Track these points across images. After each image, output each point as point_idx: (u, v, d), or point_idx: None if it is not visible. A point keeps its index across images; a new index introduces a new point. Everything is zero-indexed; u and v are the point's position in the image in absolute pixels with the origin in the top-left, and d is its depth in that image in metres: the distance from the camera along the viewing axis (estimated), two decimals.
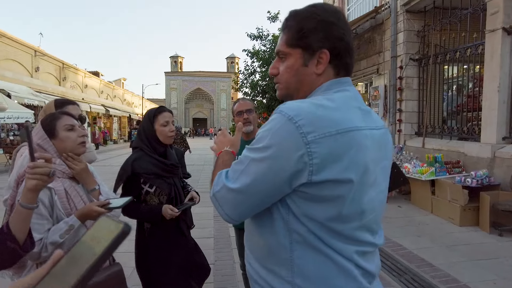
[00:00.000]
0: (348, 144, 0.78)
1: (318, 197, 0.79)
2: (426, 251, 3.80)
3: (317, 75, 0.90)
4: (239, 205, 0.84)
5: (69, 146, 1.42)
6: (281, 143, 0.78)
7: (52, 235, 1.28)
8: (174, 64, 56.70)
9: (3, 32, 15.17)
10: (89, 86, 25.09)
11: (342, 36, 0.88)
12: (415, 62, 7.09)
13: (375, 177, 0.87)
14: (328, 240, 0.82)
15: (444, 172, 5.34)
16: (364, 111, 0.89)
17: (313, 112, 0.79)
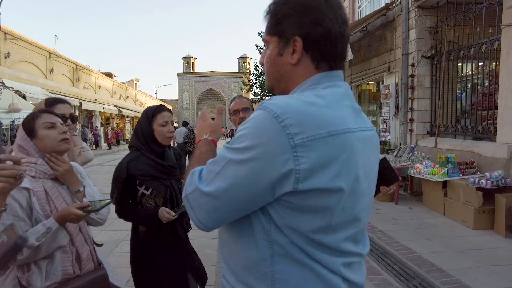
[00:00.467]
0: (340, 148, 0.69)
1: (304, 207, 0.70)
2: (437, 256, 3.64)
3: (292, 66, 0.80)
4: (213, 211, 0.73)
5: (49, 144, 1.37)
6: (264, 145, 0.67)
7: (28, 238, 1.23)
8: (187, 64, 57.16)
9: (19, 35, 15.55)
10: (102, 87, 25.50)
11: (320, 21, 0.76)
12: (427, 59, 6.87)
13: (367, 183, 0.79)
14: (314, 253, 0.73)
15: (457, 173, 5.14)
16: (356, 110, 0.80)
17: (302, 110, 0.68)
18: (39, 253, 1.25)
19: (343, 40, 0.80)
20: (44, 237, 1.24)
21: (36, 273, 1.28)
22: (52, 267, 1.31)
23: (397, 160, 6.34)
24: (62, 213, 1.29)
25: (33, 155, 1.34)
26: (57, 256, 1.32)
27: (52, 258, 1.31)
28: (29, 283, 1.27)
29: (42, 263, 1.29)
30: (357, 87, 10.37)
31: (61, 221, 1.29)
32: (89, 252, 1.43)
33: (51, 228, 1.26)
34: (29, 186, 1.29)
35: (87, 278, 1.38)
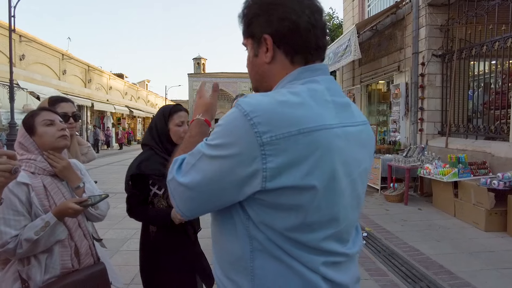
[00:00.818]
0: (312, 146, 0.67)
1: (276, 205, 0.70)
2: (446, 257, 3.56)
3: (268, 64, 0.81)
4: (189, 201, 0.75)
5: (48, 141, 1.40)
6: (233, 143, 0.68)
7: (27, 232, 1.26)
8: (197, 65, 57.49)
9: (33, 37, 15.90)
10: (113, 88, 25.87)
11: (286, 16, 0.76)
12: (438, 58, 6.74)
13: (349, 181, 0.76)
14: (291, 250, 0.72)
15: (468, 174, 5.02)
16: (340, 105, 0.77)
17: (272, 108, 0.68)
18: (38, 247, 1.27)
19: (315, 30, 0.78)
20: (43, 231, 1.26)
21: (35, 266, 1.30)
22: (51, 261, 1.33)
23: (407, 160, 6.24)
24: (60, 208, 1.31)
25: (32, 152, 1.37)
26: (56, 250, 1.34)
27: (51, 252, 1.33)
28: (29, 276, 1.29)
29: (41, 257, 1.31)
30: (367, 87, 10.26)
31: (59, 216, 1.30)
32: (88, 247, 1.45)
33: (49, 222, 1.28)
34: (28, 181, 1.32)
35: (86, 272, 1.39)
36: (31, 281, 1.29)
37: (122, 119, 27.00)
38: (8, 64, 11.95)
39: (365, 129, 0.83)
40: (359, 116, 0.83)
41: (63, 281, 1.31)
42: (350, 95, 10.66)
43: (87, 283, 1.35)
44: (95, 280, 1.40)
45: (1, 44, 13.54)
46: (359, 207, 0.84)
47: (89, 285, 1.36)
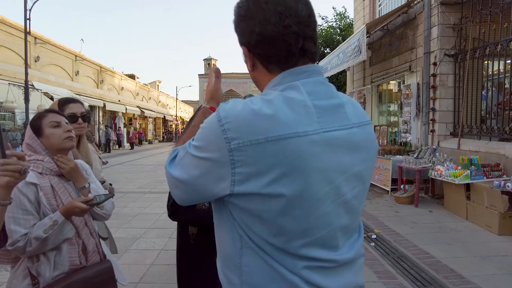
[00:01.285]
0: (280, 154, 0.67)
1: (249, 211, 0.71)
2: (457, 261, 3.49)
3: (252, 72, 0.85)
4: (177, 189, 0.80)
5: (55, 142, 1.44)
6: (208, 147, 0.72)
7: (36, 230, 1.30)
8: (208, 66, 57.81)
9: (47, 39, 16.25)
10: (125, 88, 26.22)
11: (252, 28, 0.76)
12: (451, 58, 6.62)
13: (332, 188, 0.73)
14: (272, 253, 0.73)
15: (481, 176, 4.92)
16: (323, 108, 0.74)
17: (243, 115, 0.69)
18: (46, 244, 1.30)
19: (285, 37, 0.75)
20: (51, 229, 1.29)
21: (44, 263, 1.34)
22: (60, 258, 1.36)
23: (418, 162, 6.14)
24: (67, 207, 1.34)
25: (40, 153, 1.41)
26: (64, 248, 1.38)
27: (59, 250, 1.37)
28: (39, 272, 1.33)
29: (50, 254, 1.35)
30: (378, 87, 10.14)
31: (67, 215, 1.34)
32: (94, 244, 1.48)
33: (57, 221, 1.31)
34: (37, 181, 1.35)
35: (93, 269, 1.43)
36: (41, 277, 1.33)
37: (134, 119, 27.34)
38: (23, 65, 12.24)
39: (359, 131, 0.79)
40: (354, 117, 0.79)
41: (71, 277, 1.35)
42: (360, 95, 10.57)
43: (95, 279, 1.39)
44: (102, 277, 1.43)
45: (17, 46, 13.88)
46: (352, 212, 0.80)
47: (96, 281, 1.40)
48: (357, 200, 0.81)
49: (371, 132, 0.84)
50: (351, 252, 0.81)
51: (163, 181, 9.34)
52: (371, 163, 0.84)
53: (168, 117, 37.62)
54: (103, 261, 1.50)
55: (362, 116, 0.82)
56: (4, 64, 13.46)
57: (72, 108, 1.90)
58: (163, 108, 37.66)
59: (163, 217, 5.57)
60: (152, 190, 8.06)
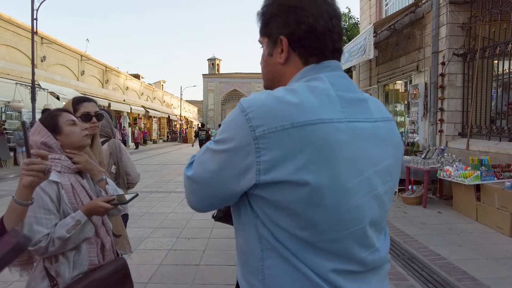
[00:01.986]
0: (306, 140, 0.66)
1: (276, 203, 0.69)
2: (469, 263, 3.45)
3: (281, 65, 0.82)
4: (194, 192, 0.79)
5: (76, 139, 1.43)
6: (231, 137, 0.71)
7: (59, 230, 1.28)
8: (212, 66, 57.93)
9: (54, 39, 16.35)
10: (130, 88, 26.32)
11: (304, 19, 0.76)
12: (459, 57, 6.56)
13: (363, 179, 0.71)
14: (298, 252, 0.70)
15: (491, 177, 4.86)
16: (348, 100, 0.74)
17: (266, 103, 0.69)
18: (68, 244, 1.29)
19: (332, 34, 0.79)
20: (74, 229, 1.28)
21: (64, 263, 1.33)
22: (79, 258, 1.35)
23: (426, 162, 6.09)
24: (90, 206, 1.33)
25: (56, 152, 1.39)
26: (84, 247, 1.37)
27: (79, 249, 1.35)
28: (58, 273, 1.32)
29: (69, 254, 1.34)
30: (384, 87, 10.08)
31: (89, 214, 1.33)
32: (110, 242, 1.47)
33: (80, 221, 1.30)
34: (58, 180, 1.34)
35: (110, 267, 1.43)
36: (60, 277, 1.31)
37: (138, 119, 27.42)
38: (30, 65, 12.33)
39: (385, 125, 0.79)
40: (377, 112, 0.79)
41: (90, 277, 1.34)
42: None
43: (112, 277, 1.39)
44: (118, 274, 1.43)
45: (24, 46, 13.98)
46: (383, 209, 0.78)
47: (114, 279, 1.39)
48: (388, 197, 0.79)
49: (395, 128, 0.84)
50: (379, 255, 0.78)
51: (169, 181, 9.35)
52: (398, 159, 0.82)
53: (173, 117, 37.70)
54: (118, 259, 1.49)
55: (385, 112, 0.82)
56: (11, 64, 13.56)
57: (86, 106, 1.89)
58: (168, 108, 37.76)
59: (170, 216, 5.57)
60: (158, 190, 8.07)
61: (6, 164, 12.00)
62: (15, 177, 10.06)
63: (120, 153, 2.30)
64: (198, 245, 4.16)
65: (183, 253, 3.93)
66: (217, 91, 56.73)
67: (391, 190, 0.81)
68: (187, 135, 34.34)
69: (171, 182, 9.14)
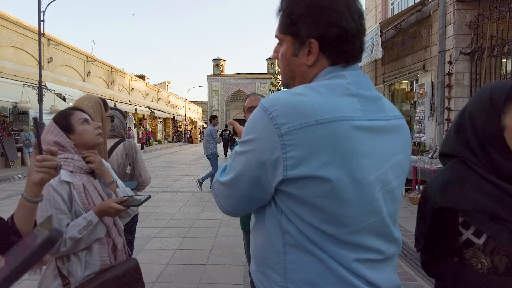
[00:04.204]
0: (330, 136, 0.68)
1: (301, 198, 0.71)
2: None
3: (308, 66, 0.80)
4: (227, 198, 0.83)
5: (89, 138, 1.44)
6: (257, 137, 0.73)
7: (71, 230, 1.29)
8: (216, 67, 58.07)
9: (60, 41, 16.50)
10: (135, 89, 26.47)
11: (336, 21, 0.75)
12: (467, 56, 6.50)
13: (380, 174, 0.75)
14: (322, 245, 0.73)
15: None
16: (367, 98, 0.77)
17: (289, 102, 0.71)
18: (79, 245, 1.30)
19: (359, 35, 0.79)
20: (86, 230, 1.29)
21: (76, 263, 1.33)
22: (91, 258, 1.36)
23: (433, 162, 6.04)
24: (102, 207, 1.34)
25: (69, 151, 1.39)
26: (95, 248, 1.37)
27: (90, 249, 1.36)
28: (70, 272, 1.32)
29: (81, 254, 1.34)
30: (390, 86, 10.03)
31: (100, 215, 1.33)
32: (122, 243, 1.48)
33: (92, 222, 1.31)
34: (70, 179, 1.34)
35: (122, 267, 1.42)
36: (72, 277, 1.32)
37: (144, 120, 27.56)
38: (37, 66, 12.45)
39: (398, 123, 0.82)
40: (390, 111, 0.82)
41: (102, 277, 1.34)
42: None
43: (124, 278, 1.39)
44: (130, 275, 1.43)
45: (31, 47, 14.12)
46: (395, 203, 0.81)
47: (126, 280, 1.39)
48: (399, 190, 0.83)
49: (406, 125, 0.87)
50: (394, 246, 0.82)
51: (175, 181, 9.38)
52: (408, 154, 0.85)
53: (178, 117, 37.84)
54: (130, 259, 1.49)
55: (396, 110, 0.86)
56: (19, 65, 13.71)
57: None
58: (173, 109, 37.90)
59: (176, 216, 5.59)
60: (165, 190, 8.11)
61: (14, 164, 12.13)
62: (23, 177, 10.15)
63: (136, 154, 2.30)
64: (205, 245, 4.17)
65: (190, 252, 3.94)
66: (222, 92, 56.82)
67: (402, 184, 0.84)
68: (192, 136, 34.43)
69: (177, 182, 9.17)
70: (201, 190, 7.91)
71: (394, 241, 0.81)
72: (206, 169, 12.53)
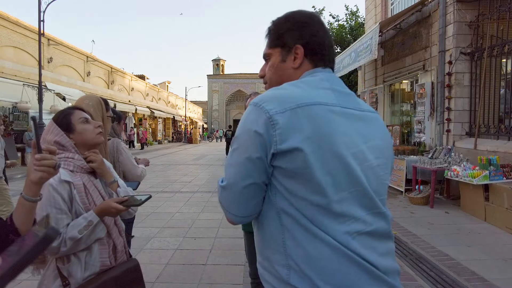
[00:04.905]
0: (308, 116, 0.82)
1: (291, 171, 0.81)
2: (478, 264, 3.41)
3: (294, 69, 0.97)
4: (233, 197, 0.89)
5: (89, 137, 1.43)
6: (250, 125, 0.84)
7: (71, 230, 1.28)
8: (216, 67, 58.03)
9: (60, 41, 16.48)
10: (135, 89, 26.44)
11: (316, 33, 0.96)
12: (467, 56, 6.50)
13: (357, 151, 0.86)
14: (314, 218, 0.81)
15: (500, 176, 4.81)
16: (340, 92, 0.92)
17: (275, 94, 0.86)
18: (79, 245, 1.29)
19: (331, 49, 1.00)
20: (86, 230, 1.28)
21: (76, 264, 1.32)
22: (91, 259, 1.35)
23: (433, 162, 6.04)
24: (103, 207, 1.33)
25: (69, 150, 1.39)
26: (95, 248, 1.36)
27: (90, 250, 1.35)
28: (70, 273, 1.31)
29: (81, 254, 1.33)
30: (390, 86, 10.02)
31: (101, 215, 1.33)
32: (123, 244, 1.47)
33: (92, 222, 1.30)
34: (70, 179, 1.34)
35: (122, 268, 1.41)
36: (72, 278, 1.31)
37: (144, 120, 27.53)
38: (37, 66, 12.44)
39: (373, 116, 0.95)
40: (364, 105, 0.96)
41: (102, 277, 1.33)
42: (372, 95, 10.45)
43: (124, 278, 1.37)
44: (131, 276, 1.42)
45: (31, 47, 14.11)
46: (379, 181, 0.90)
47: (126, 280, 1.38)
48: (382, 170, 0.92)
49: (381, 119, 0.99)
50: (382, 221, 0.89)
51: (175, 181, 9.38)
52: (388, 144, 0.96)
53: (178, 117, 37.81)
54: (130, 260, 1.48)
55: (369, 107, 0.99)
56: (19, 65, 13.70)
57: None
58: (173, 109, 37.87)
59: (176, 216, 5.58)
60: (164, 190, 8.10)
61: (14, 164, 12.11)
62: (23, 177, 10.14)
63: (118, 153, 2.30)
64: (205, 245, 4.16)
65: (190, 252, 3.94)
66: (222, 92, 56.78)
67: (386, 166, 0.94)
68: (192, 136, 34.41)
69: (176, 182, 9.17)
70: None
71: (380, 215, 0.89)
72: (206, 169, 12.52)
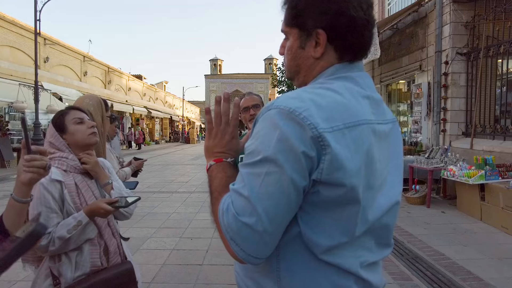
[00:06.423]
0: (355, 142, 0.66)
1: (323, 199, 0.68)
2: (474, 263, 3.42)
3: (315, 59, 0.76)
4: (261, 238, 0.66)
5: (80, 138, 1.42)
6: (293, 142, 0.65)
7: (60, 230, 1.27)
8: (214, 67, 57.99)
9: (57, 40, 16.40)
10: (132, 89, 26.37)
11: (344, 10, 0.70)
12: (463, 56, 6.52)
13: (383, 179, 0.75)
14: (324, 255, 0.71)
15: (496, 176, 4.83)
16: (375, 101, 0.76)
17: (314, 100, 0.67)
18: (69, 245, 1.28)
19: (369, 27, 0.74)
20: (75, 230, 1.27)
21: (66, 263, 1.32)
22: (81, 259, 1.34)
23: (429, 162, 6.06)
24: (92, 207, 1.32)
25: (63, 151, 1.39)
26: (86, 248, 1.35)
27: (81, 250, 1.34)
28: (60, 273, 1.31)
29: (71, 254, 1.33)
30: (387, 86, 10.05)
31: (91, 215, 1.32)
32: (116, 245, 1.45)
33: (82, 222, 1.29)
34: (61, 178, 1.33)
35: (114, 270, 1.40)
36: (62, 277, 1.31)
37: (141, 120, 27.46)
38: (33, 66, 12.37)
39: (393, 127, 0.82)
40: (389, 114, 0.82)
41: (92, 279, 1.32)
42: None
43: (115, 281, 1.36)
44: (123, 279, 1.40)
45: (27, 47, 14.03)
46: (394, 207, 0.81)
47: (117, 283, 1.36)
48: (395, 196, 0.83)
49: (399, 129, 0.88)
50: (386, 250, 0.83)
51: (171, 181, 9.35)
52: (401, 158, 0.86)
53: (175, 117, 37.74)
54: (124, 263, 1.47)
55: (391, 113, 0.86)
56: (15, 65, 13.62)
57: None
58: (170, 109, 37.79)
59: (173, 216, 5.57)
60: (161, 190, 8.07)
61: (9, 165, 12.04)
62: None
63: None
64: (201, 245, 4.15)
65: (186, 253, 3.92)
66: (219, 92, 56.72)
67: (400, 185, 0.84)
68: (189, 136, 34.36)
69: (173, 183, 9.14)
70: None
71: (389, 246, 0.83)
72: (203, 169, 12.49)
